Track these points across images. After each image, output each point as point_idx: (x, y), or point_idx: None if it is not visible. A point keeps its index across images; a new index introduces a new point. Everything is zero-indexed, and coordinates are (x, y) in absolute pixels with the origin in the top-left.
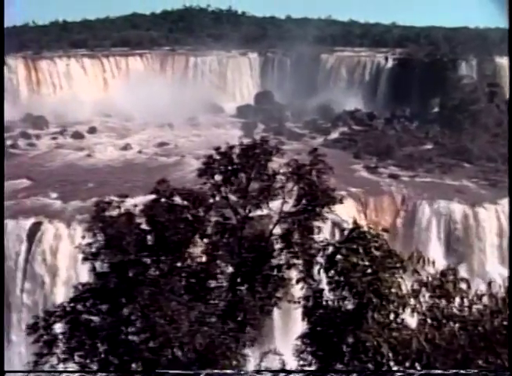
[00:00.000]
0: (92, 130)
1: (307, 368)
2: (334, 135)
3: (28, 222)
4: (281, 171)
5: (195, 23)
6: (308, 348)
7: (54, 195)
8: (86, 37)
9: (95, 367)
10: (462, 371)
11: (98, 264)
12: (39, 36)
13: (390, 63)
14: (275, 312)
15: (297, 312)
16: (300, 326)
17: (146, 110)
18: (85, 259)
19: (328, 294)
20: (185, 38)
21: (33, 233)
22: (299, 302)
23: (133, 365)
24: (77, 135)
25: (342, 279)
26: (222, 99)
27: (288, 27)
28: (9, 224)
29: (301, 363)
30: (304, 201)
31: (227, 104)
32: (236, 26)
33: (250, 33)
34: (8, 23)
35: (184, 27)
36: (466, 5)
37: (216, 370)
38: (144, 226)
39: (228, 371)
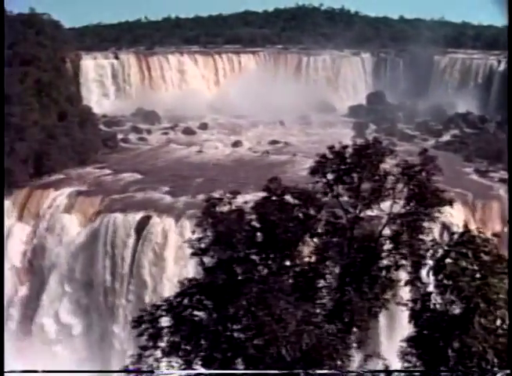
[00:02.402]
0: (204, 126)
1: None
2: (446, 137)
3: (137, 216)
4: (392, 171)
5: (308, 21)
6: (414, 351)
7: (164, 190)
8: (198, 34)
9: (198, 363)
10: (463, 371)
11: (206, 259)
12: (151, 32)
13: (502, 66)
14: (381, 313)
15: (404, 314)
16: (406, 328)
17: (257, 107)
18: (194, 254)
19: (436, 298)
20: (297, 37)
21: (141, 227)
22: (406, 305)
23: (237, 362)
24: (189, 131)
25: (450, 283)
26: (334, 98)
27: (401, 28)
28: (118, 217)
29: (406, 365)
30: (413, 202)
31: (339, 103)
32: (349, 25)
33: (362, 33)
34: (120, 18)
35: (297, 25)
36: None
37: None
38: (254, 224)
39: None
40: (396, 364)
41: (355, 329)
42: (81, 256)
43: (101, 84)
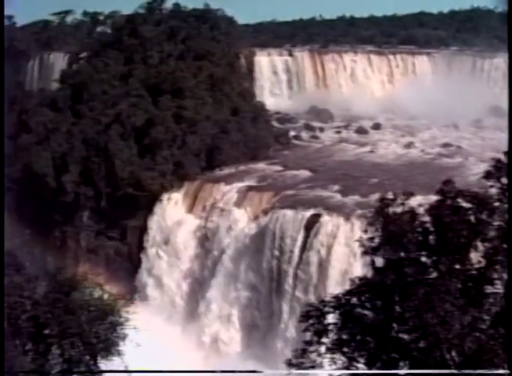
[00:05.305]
0: (377, 126)
1: None
2: None
3: (307, 213)
4: None
5: (482, 23)
6: None
7: (334, 188)
8: (373, 34)
9: (362, 361)
10: (462, 371)
11: (376, 259)
12: (326, 30)
13: None
14: None
15: None
16: None
17: (431, 109)
18: (365, 253)
19: None
20: (472, 39)
21: (311, 224)
22: None
23: (401, 363)
24: (361, 131)
25: None
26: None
27: None
28: (288, 214)
29: None
30: None
31: None
32: None
33: None
34: (295, 16)
35: (471, 27)
36: None
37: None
38: (426, 226)
39: None
40: None
41: None
42: (248, 250)
43: (274, 80)
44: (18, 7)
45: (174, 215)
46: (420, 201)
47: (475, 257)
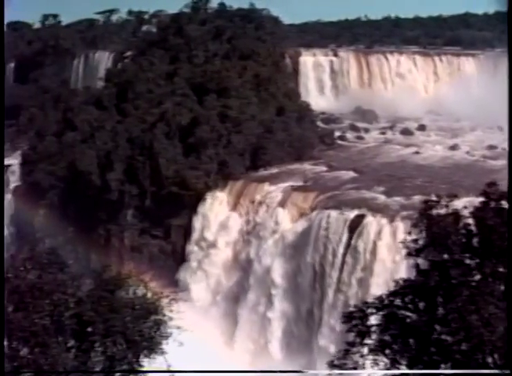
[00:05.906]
0: (422, 127)
1: None
2: None
3: (351, 214)
4: None
5: None
6: None
7: (379, 189)
8: (418, 35)
9: (404, 363)
10: (462, 371)
11: (420, 261)
12: (371, 31)
13: None
14: None
15: None
16: None
17: (476, 111)
18: (409, 255)
19: None
20: None
21: (355, 225)
22: None
23: (442, 365)
24: (406, 132)
25: None
26: None
27: None
28: (332, 214)
29: None
30: None
31: None
32: None
33: None
34: (340, 16)
35: None
36: None
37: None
38: (470, 228)
39: None
40: None
41: None
42: (291, 250)
43: (319, 81)
44: (63, 6)
45: (218, 214)
46: (464, 203)
47: None
